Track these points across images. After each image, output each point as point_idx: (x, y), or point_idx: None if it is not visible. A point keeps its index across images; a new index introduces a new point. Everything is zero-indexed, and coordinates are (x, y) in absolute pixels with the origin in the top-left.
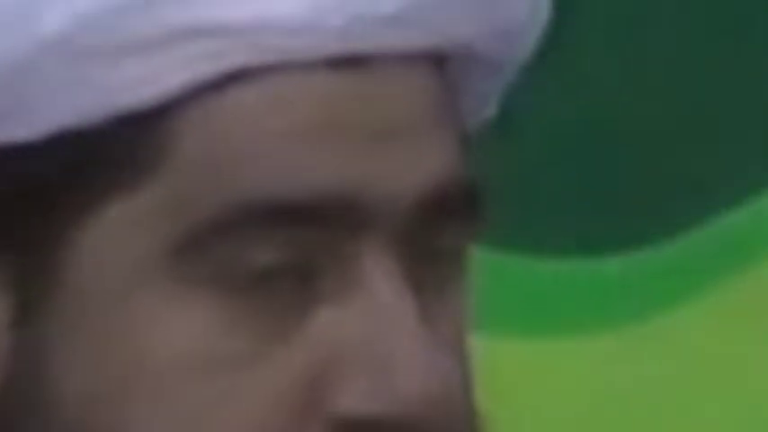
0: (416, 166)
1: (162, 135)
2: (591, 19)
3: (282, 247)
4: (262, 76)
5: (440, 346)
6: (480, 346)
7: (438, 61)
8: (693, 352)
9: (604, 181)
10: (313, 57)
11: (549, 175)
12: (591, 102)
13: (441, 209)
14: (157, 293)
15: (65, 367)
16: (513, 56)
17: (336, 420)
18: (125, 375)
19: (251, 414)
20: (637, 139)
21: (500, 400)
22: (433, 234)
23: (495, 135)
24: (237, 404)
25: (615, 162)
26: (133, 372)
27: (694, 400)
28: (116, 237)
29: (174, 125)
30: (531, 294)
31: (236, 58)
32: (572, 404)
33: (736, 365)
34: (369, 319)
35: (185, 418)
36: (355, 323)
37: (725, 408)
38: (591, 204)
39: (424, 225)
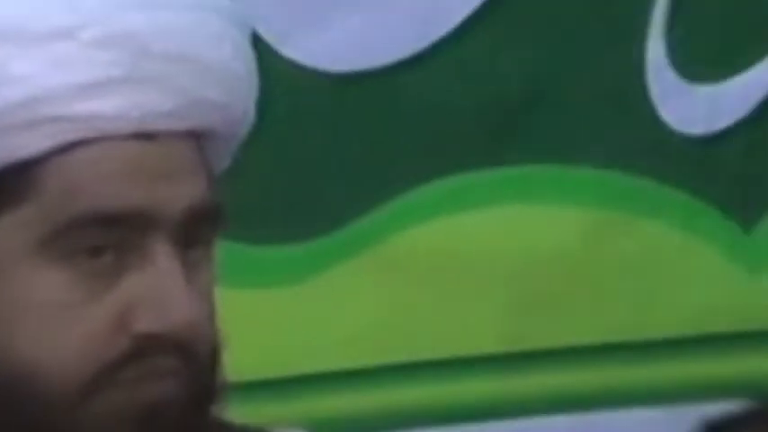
0: (183, 194)
1: (35, 176)
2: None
3: (106, 237)
4: (95, 143)
5: (197, 296)
6: (220, 295)
7: (197, 136)
8: (345, 298)
9: (293, 198)
10: (124, 133)
11: (259, 197)
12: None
13: (198, 218)
14: (32, 266)
15: None
16: (237, 134)
17: (136, 335)
18: (12, 313)
19: (87, 334)
20: (309, 172)
21: (229, 329)
22: (194, 232)
23: (229, 174)
24: (78, 328)
25: (300, 185)
26: (17, 311)
27: (352, 335)
28: (8, 234)
29: (43, 170)
30: (248, 265)
31: (79, 134)
32: (270, 332)
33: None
34: (156, 280)
35: (48, 337)
36: (148, 282)
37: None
38: (286, 212)
39: (188, 227)
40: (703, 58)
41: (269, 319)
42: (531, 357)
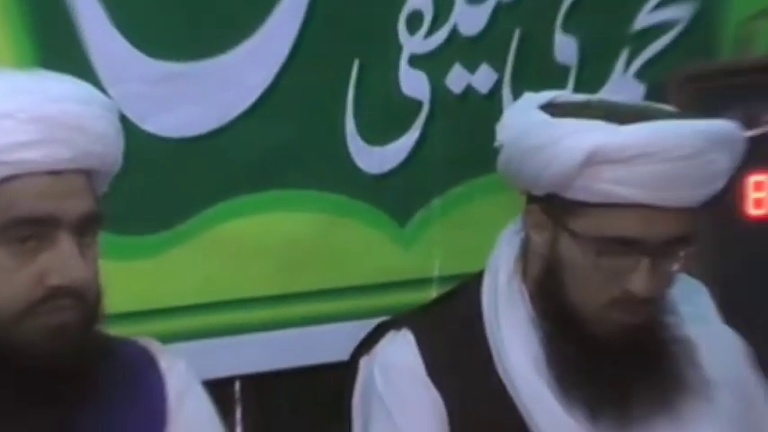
0: (78, 206)
1: None
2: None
3: (31, 231)
4: (25, 176)
5: (87, 264)
6: (103, 264)
7: (87, 172)
8: (182, 264)
9: (148, 208)
10: (42, 171)
11: (126, 207)
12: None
13: (88, 220)
14: None
15: None
16: (112, 172)
17: (48, 287)
18: None
19: (19, 286)
20: (158, 194)
21: (108, 283)
22: (86, 228)
23: (107, 194)
24: (14, 283)
25: (151, 202)
26: None
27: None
28: None
29: None
30: (119, 247)
31: (15, 171)
32: (133, 285)
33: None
34: (61, 255)
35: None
36: (56, 257)
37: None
38: (144, 217)
39: (82, 225)
40: (374, 132)
41: (132, 277)
42: (290, 297)
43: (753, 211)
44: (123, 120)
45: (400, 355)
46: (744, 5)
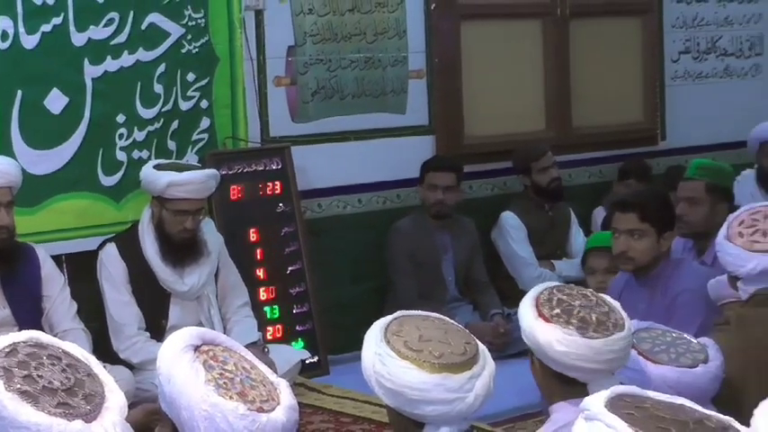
0: (6, 197)
1: None
2: None
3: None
4: None
5: (10, 218)
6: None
7: (10, 187)
8: (45, 218)
9: (27, 196)
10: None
11: (22, 196)
12: None
13: (9, 202)
14: None
15: None
16: (18, 186)
17: None
18: None
19: None
20: (34, 193)
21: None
22: (8, 204)
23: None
24: None
25: (30, 197)
26: None
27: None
28: None
29: None
30: (22, 213)
31: None
32: (25, 222)
33: None
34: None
35: None
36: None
37: None
38: (25, 202)
39: (7, 204)
40: (109, 173)
41: (25, 222)
42: (81, 227)
43: (232, 197)
44: (23, 169)
45: (109, 249)
46: (224, 132)
